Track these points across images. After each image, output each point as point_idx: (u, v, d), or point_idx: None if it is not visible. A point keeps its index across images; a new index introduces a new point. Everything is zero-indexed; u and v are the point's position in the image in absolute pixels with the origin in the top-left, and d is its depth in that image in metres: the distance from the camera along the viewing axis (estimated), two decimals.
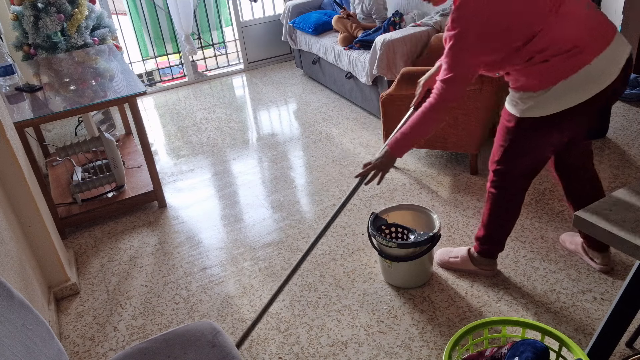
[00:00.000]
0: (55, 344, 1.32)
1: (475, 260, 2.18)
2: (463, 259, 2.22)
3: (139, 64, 5.24)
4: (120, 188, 3.03)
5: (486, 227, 2.09)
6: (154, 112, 4.50)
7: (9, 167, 2.08)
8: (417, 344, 1.92)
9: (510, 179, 1.95)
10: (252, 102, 4.49)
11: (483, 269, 2.19)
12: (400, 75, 2.81)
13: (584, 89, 1.63)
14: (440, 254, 2.29)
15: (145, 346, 1.46)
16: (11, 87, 2.87)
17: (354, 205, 2.80)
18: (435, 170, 3.05)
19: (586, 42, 1.60)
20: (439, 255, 2.30)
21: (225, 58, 5.57)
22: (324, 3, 4.70)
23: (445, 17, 3.43)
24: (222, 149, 3.65)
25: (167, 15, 5.00)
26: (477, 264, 2.18)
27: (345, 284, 2.25)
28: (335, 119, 3.90)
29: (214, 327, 1.50)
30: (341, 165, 3.24)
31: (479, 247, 2.16)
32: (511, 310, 2.02)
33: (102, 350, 2.06)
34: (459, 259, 2.23)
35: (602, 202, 1.23)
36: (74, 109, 2.56)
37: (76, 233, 2.85)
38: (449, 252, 2.28)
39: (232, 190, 3.12)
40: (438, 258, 2.29)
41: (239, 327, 2.10)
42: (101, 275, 2.50)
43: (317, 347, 1.95)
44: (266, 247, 2.56)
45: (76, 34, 3.67)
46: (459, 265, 2.23)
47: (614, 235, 1.13)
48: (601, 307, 1.98)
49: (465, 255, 2.21)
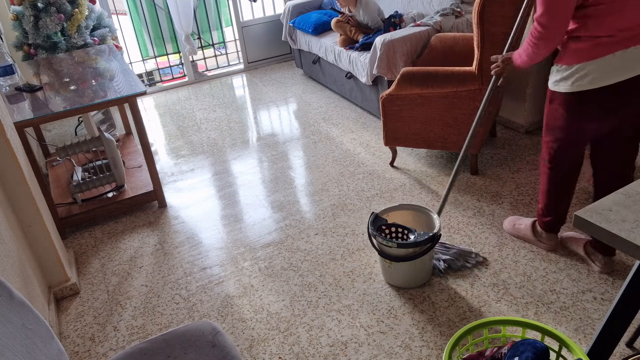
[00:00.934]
0: (55, 343, 1.32)
1: (535, 233, 2.30)
2: (526, 227, 2.33)
3: (139, 64, 5.24)
4: (120, 188, 3.03)
5: (542, 201, 2.20)
6: (154, 112, 4.50)
7: (9, 167, 2.08)
8: (417, 344, 1.92)
9: (561, 153, 2.02)
10: (252, 102, 4.49)
11: (541, 241, 2.29)
12: (400, 75, 2.81)
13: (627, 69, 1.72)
14: (509, 221, 2.44)
15: (145, 346, 1.46)
16: (11, 87, 2.87)
17: (354, 205, 2.80)
18: (435, 170, 3.05)
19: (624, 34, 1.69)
20: (507, 222, 2.44)
21: (225, 58, 5.57)
22: (324, 3, 4.70)
23: (445, 17, 3.43)
24: (222, 149, 3.65)
25: (167, 15, 5.00)
26: (537, 236, 2.29)
27: (346, 284, 2.25)
28: (335, 119, 3.90)
29: (214, 327, 1.50)
30: (341, 165, 3.24)
31: (539, 220, 2.26)
32: (511, 310, 2.02)
33: (102, 350, 2.06)
34: (522, 226, 2.35)
35: (602, 202, 1.23)
36: (74, 109, 2.56)
37: (76, 233, 2.85)
38: (517, 219, 2.41)
39: (232, 190, 3.12)
40: (506, 223, 2.44)
41: (239, 327, 2.10)
42: (101, 275, 2.50)
43: (317, 347, 1.95)
44: (266, 247, 2.56)
45: (76, 34, 3.66)
46: (521, 232, 2.36)
47: (614, 235, 1.13)
48: (601, 307, 1.98)
49: (529, 225, 2.32)
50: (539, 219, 2.27)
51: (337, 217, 2.72)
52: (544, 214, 2.22)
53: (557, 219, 2.22)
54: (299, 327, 2.06)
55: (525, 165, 2.96)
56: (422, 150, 3.27)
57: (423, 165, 3.11)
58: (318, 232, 2.62)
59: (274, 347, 1.98)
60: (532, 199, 2.67)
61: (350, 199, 2.86)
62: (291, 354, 1.94)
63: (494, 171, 2.95)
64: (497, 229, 2.48)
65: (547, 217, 2.22)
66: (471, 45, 2.92)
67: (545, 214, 2.22)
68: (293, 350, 1.96)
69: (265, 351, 1.97)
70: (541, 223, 2.26)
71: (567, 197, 2.17)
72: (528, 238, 2.34)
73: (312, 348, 1.95)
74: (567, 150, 2.01)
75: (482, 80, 2.61)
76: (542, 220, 2.24)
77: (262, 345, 1.99)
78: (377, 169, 3.13)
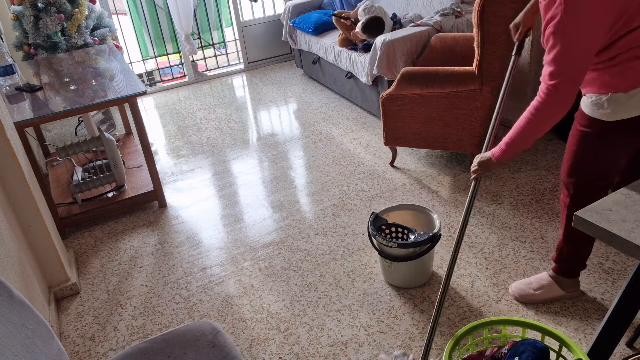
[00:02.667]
0: (55, 343, 1.32)
1: (562, 284, 2.01)
2: (548, 287, 2.02)
3: (139, 64, 5.24)
4: (121, 188, 3.03)
5: (568, 245, 1.93)
6: (154, 112, 4.50)
7: (9, 167, 2.08)
8: (417, 344, 1.92)
9: (590, 188, 1.77)
10: (252, 102, 4.49)
11: (571, 292, 2.02)
12: (400, 75, 2.81)
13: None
14: (519, 290, 2.07)
15: (145, 346, 1.46)
16: (11, 87, 2.87)
17: (354, 205, 2.80)
18: (435, 170, 3.05)
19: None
20: (517, 291, 2.07)
21: (226, 58, 5.57)
22: (324, 3, 4.70)
23: (445, 17, 3.43)
24: (222, 148, 3.65)
25: (167, 15, 5.00)
26: (565, 287, 2.01)
27: (346, 284, 2.25)
28: (335, 119, 3.90)
29: (214, 327, 1.50)
30: (341, 165, 3.24)
31: (563, 267, 1.99)
32: (511, 310, 2.02)
33: (103, 350, 2.06)
34: (543, 289, 2.03)
35: (602, 202, 1.23)
36: (74, 109, 2.56)
37: (76, 233, 2.85)
38: (528, 285, 2.06)
39: (232, 190, 3.12)
40: (517, 294, 2.07)
41: (239, 327, 2.10)
42: (101, 275, 2.50)
43: (317, 347, 1.95)
44: (266, 246, 2.56)
45: (76, 34, 3.66)
46: (545, 296, 2.03)
47: (614, 235, 1.13)
48: (601, 307, 1.98)
49: (549, 282, 2.02)
50: (565, 267, 2.00)
51: (337, 217, 2.72)
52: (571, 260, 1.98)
53: (583, 263, 2.00)
54: (299, 327, 2.06)
55: (525, 165, 2.96)
56: (422, 150, 3.27)
57: (423, 165, 3.12)
58: (318, 232, 2.62)
59: (274, 347, 1.98)
60: (532, 199, 2.67)
61: (350, 199, 2.86)
62: (291, 354, 1.94)
63: (494, 171, 2.95)
64: (497, 229, 2.48)
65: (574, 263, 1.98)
66: (471, 45, 2.92)
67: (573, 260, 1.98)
68: (293, 350, 1.96)
69: (265, 351, 1.97)
70: (567, 270, 2.00)
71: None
72: (557, 296, 2.03)
73: (312, 348, 1.96)
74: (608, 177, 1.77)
75: (482, 80, 2.62)
76: (568, 267, 2.00)
77: (262, 345, 1.99)
78: (377, 169, 3.14)
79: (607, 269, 2.16)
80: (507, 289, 2.12)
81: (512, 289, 2.10)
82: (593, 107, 1.63)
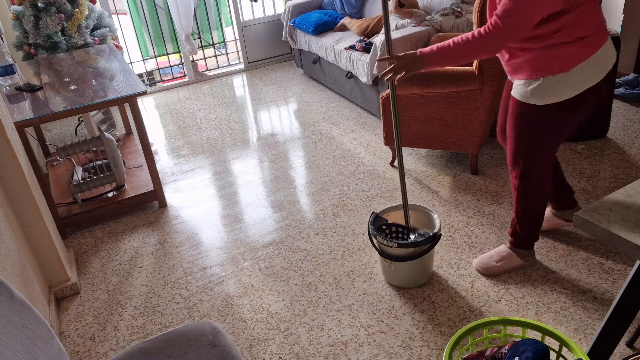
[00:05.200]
0: (55, 343, 1.32)
1: (520, 254, 2.19)
2: (508, 258, 2.19)
3: (139, 64, 5.24)
4: (121, 188, 3.03)
5: (521, 220, 2.11)
6: (154, 112, 4.50)
7: (9, 167, 2.08)
8: (418, 343, 1.92)
9: (537, 168, 1.97)
10: (252, 102, 4.49)
11: (528, 260, 2.20)
12: None
13: (597, 71, 1.73)
14: (482, 264, 2.22)
15: (145, 346, 1.46)
16: (11, 87, 2.87)
17: (354, 205, 2.80)
18: (435, 170, 3.05)
19: (601, 29, 1.71)
20: (480, 265, 2.22)
21: (226, 58, 5.57)
22: (324, 3, 4.70)
23: (445, 17, 3.43)
24: (222, 148, 3.65)
25: (168, 15, 5.00)
26: (523, 257, 2.19)
27: (346, 284, 2.25)
28: (335, 118, 3.90)
29: (214, 327, 1.50)
30: (341, 165, 3.24)
31: (518, 240, 2.17)
32: (511, 310, 2.02)
33: (103, 350, 2.06)
34: (504, 260, 2.19)
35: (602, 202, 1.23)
36: (74, 109, 2.56)
37: (76, 233, 2.85)
38: (490, 258, 2.22)
39: (232, 190, 3.12)
40: (481, 267, 2.22)
41: (239, 327, 2.10)
42: (101, 275, 2.50)
43: (318, 347, 1.96)
44: (266, 246, 2.56)
45: (76, 34, 3.66)
46: (506, 266, 2.19)
47: (614, 235, 1.13)
48: (601, 307, 1.98)
49: (509, 253, 2.19)
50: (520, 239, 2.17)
51: (337, 217, 2.72)
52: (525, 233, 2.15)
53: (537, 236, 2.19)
54: (299, 327, 2.06)
55: None
56: (422, 150, 3.27)
57: (423, 165, 3.12)
58: (318, 232, 2.62)
59: (274, 347, 1.98)
60: None
61: (350, 199, 2.86)
62: (291, 354, 1.94)
63: (494, 171, 2.95)
64: (497, 229, 2.48)
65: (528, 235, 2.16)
66: None
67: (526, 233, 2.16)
68: (293, 350, 1.96)
69: (265, 351, 1.97)
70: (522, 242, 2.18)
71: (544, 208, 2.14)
72: (516, 265, 2.20)
73: (312, 348, 1.96)
74: (552, 158, 1.99)
75: (482, 80, 2.62)
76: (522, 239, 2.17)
77: (262, 345, 1.99)
78: (377, 169, 3.14)
79: (607, 269, 2.16)
80: (507, 289, 2.12)
81: (476, 263, 2.25)
82: (525, 93, 1.81)
